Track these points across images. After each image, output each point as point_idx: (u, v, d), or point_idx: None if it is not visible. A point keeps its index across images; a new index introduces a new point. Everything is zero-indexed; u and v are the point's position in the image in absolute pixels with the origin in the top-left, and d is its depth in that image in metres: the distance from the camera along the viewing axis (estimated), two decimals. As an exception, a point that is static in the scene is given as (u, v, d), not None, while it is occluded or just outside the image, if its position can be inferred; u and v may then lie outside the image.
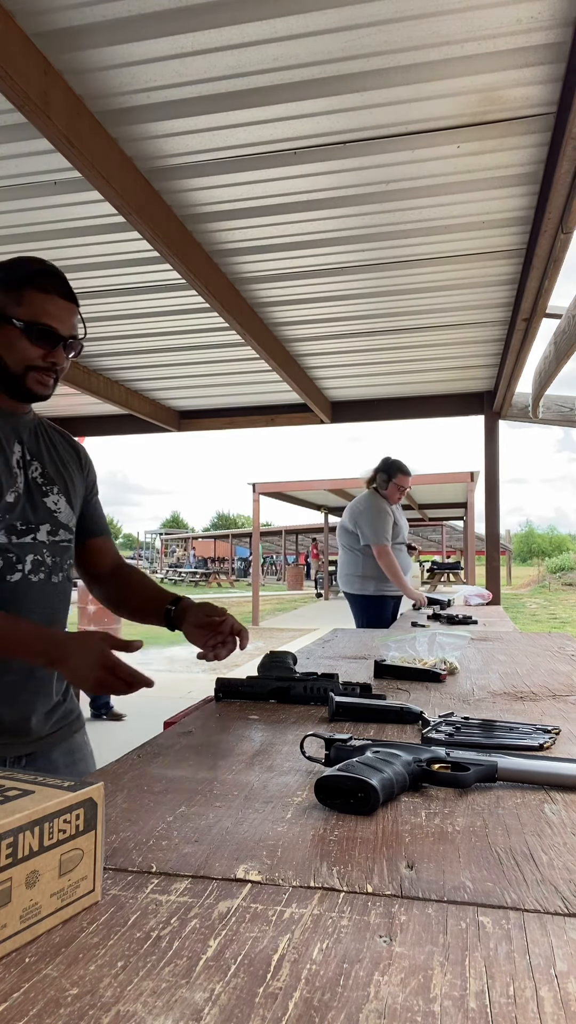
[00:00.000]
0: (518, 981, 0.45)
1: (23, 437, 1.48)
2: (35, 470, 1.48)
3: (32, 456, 1.48)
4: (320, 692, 1.26)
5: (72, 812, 0.52)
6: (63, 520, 1.51)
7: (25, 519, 1.43)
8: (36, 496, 1.46)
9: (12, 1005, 0.42)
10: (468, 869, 0.61)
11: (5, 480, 1.39)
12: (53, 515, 1.48)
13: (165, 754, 0.95)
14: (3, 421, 1.45)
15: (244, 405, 7.02)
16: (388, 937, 0.50)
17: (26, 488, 1.45)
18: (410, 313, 4.71)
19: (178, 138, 2.73)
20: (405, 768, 0.79)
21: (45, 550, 1.45)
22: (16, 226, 3.46)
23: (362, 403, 6.91)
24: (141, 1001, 0.42)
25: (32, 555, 1.43)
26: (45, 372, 1.42)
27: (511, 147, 2.81)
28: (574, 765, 0.82)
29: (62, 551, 1.50)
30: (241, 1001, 0.43)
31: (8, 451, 1.43)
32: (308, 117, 2.60)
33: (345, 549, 4.80)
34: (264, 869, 0.61)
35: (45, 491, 1.48)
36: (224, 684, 1.35)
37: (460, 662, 1.67)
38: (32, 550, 1.43)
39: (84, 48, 2.24)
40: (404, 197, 3.20)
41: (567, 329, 4.07)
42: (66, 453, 1.58)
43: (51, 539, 1.47)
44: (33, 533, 1.43)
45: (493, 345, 5.36)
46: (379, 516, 4.61)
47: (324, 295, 4.39)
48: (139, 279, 4.09)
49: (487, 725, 1.04)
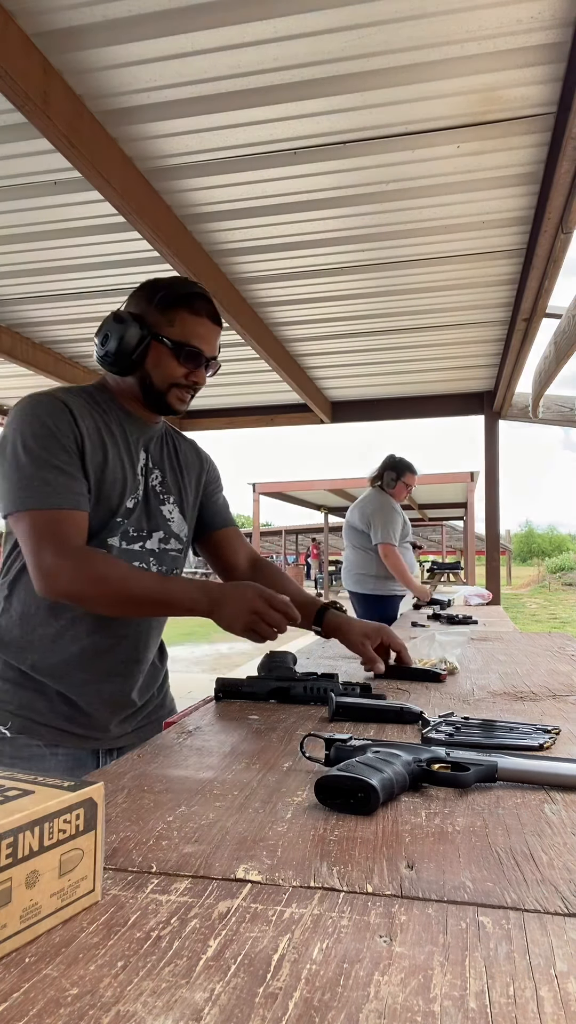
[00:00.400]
0: (518, 981, 0.45)
1: (149, 446, 1.54)
2: (155, 478, 1.53)
3: (154, 464, 1.54)
4: (320, 692, 1.26)
5: (72, 812, 0.52)
6: (175, 529, 1.56)
7: (139, 526, 1.48)
8: (153, 504, 1.51)
9: (12, 1005, 0.42)
10: (468, 869, 0.61)
11: (129, 486, 1.45)
12: (167, 523, 1.54)
13: (165, 754, 0.96)
14: (135, 428, 1.51)
15: (244, 405, 7.02)
16: (388, 937, 0.50)
17: (144, 495, 1.50)
18: (410, 313, 4.71)
19: (178, 138, 2.73)
20: (405, 768, 0.79)
21: (152, 558, 1.50)
22: (16, 226, 3.46)
23: (362, 403, 6.91)
24: (141, 1001, 0.42)
25: (137, 562, 1.47)
26: (185, 389, 1.49)
27: (511, 147, 2.81)
28: (574, 765, 0.82)
29: (170, 560, 1.55)
30: (241, 1001, 0.43)
31: (134, 458, 1.49)
32: (308, 117, 2.60)
33: (355, 548, 4.75)
34: (264, 869, 0.61)
35: (162, 499, 1.54)
36: (224, 684, 1.35)
37: (460, 662, 1.67)
38: (139, 557, 1.47)
39: (84, 48, 2.23)
40: (404, 197, 3.20)
41: (567, 329, 4.07)
42: (187, 462, 1.64)
43: (161, 547, 1.52)
44: (143, 540, 1.49)
45: (493, 345, 5.36)
46: (392, 515, 4.59)
47: (324, 295, 4.39)
48: (139, 279, 4.09)
49: (487, 725, 1.04)
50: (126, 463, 1.45)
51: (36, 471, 1.30)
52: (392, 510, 4.60)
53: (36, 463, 1.31)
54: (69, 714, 1.39)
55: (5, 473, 1.33)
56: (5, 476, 1.33)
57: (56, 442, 1.33)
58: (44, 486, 1.30)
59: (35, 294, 4.31)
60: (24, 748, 1.36)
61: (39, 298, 4.36)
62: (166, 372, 1.45)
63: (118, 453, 1.44)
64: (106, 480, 1.40)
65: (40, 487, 1.29)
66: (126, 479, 1.44)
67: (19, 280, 4.11)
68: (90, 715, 1.40)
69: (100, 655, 1.41)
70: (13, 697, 1.38)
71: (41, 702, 1.38)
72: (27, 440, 1.32)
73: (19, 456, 1.31)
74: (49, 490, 1.30)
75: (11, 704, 1.38)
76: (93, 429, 1.40)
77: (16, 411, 1.37)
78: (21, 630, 1.39)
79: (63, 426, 1.35)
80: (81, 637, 1.39)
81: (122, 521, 1.43)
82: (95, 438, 1.40)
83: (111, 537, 1.42)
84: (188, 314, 1.45)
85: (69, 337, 5.19)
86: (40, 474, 1.30)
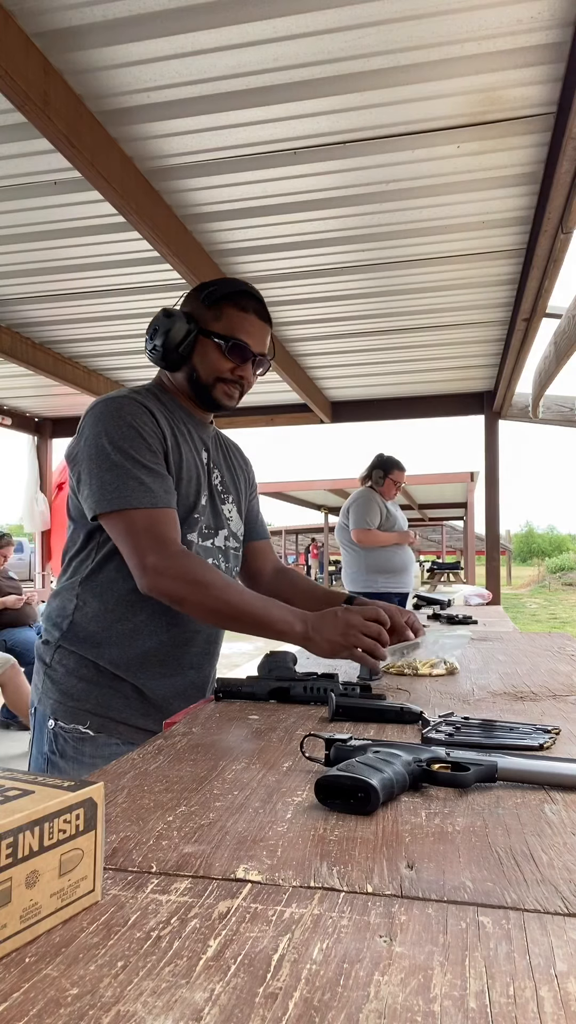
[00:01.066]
0: (518, 981, 0.45)
1: (208, 445, 1.58)
2: (216, 477, 1.58)
3: (214, 464, 1.59)
4: (320, 692, 1.26)
5: (72, 812, 0.52)
6: (234, 528, 1.61)
7: (209, 523, 1.53)
8: (216, 502, 1.56)
9: (12, 1005, 0.42)
10: (468, 869, 0.61)
11: (203, 483, 1.50)
12: (228, 522, 1.59)
13: (165, 754, 0.96)
14: (196, 427, 1.55)
15: (244, 405, 7.00)
16: (388, 937, 0.50)
17: (209, 494, 1.54)
18: (410, 313, 4.71)
19: (178, 138, 2.73)
20: (405, 768, 0.79)
21: (221, 555, 1.55)
22: (16, 226, 3.46)
23: (362, 403, 6.91)
24: (141, 1001, 0.42)
25: (211, 559, 1.52)
26: (232, 384, 1.52)
27: (511, 147, 2.81)
28: (574, 765, 0.82)
29: (233, 558, 1.60)
30: (241, 1001, 0.43)
31: (200, 455, 1.53)
32: (308, 117, 2.60)
33: (345, 548, 4.85)
34: (264, 869, 0.61)
35: (223, 499, 1.59)
36: (224, 684, 1.34)
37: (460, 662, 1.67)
38: (213, 554, 1.53)
39: (84, 48, 2.23)
40: (404, 197, 3.20)
41: (567, 329, 4.07)
42: (236, 463, 1.69)
43: (226, 544, 1.57)
44: (213, 537, 1.54)
45: (493, 345, 5.36)
46: (364, 504, 4.70)
47: (324, 295, 4.39)
48: (139, 279, 4.09)
49: (487, 725, 1.04)
50: (197, 461, 1.50)
51: (130, 471, 1.34)
52: (368, 500, 4.70)
53: (129, 463, 1.34)
54: (144, 709, 1.43)
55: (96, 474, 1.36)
56: (96, 477, 1.36)
57: (144, 442, 1.37)
58: (140, 486, 1.33)
59: (35, 294, 4.31)
60: (104, 747, 1.40)
61: (39, 298, 4.36)
62: (212, 366, 1.49)
63: (191, 451, 1.49)
64: (183, 477, 1.45)
65: (136, 487, 1.33)
66: (200, 476, 1.49)
67: (19, 280, 4.11)
68: (164, 709, 1.43)
69: (177, 648, 1.45)
70: (89, 695, 1.41)
71: (117, 699, 1.42)
72: (116, 441, 1.35)
73: (110, 457, 1.34)
74: (144, 489, 1.34)
75: (88, 703, 1.41)
76: (168, 427, 1.45)
77: (96, 414, 1.40)
78: (99, 626, 1.43)
79: (147, 427, 1.39)
80: (159, 631, 1.43)
81: (198, 517, 1.48)
82: (172, 437, 1.45)
83: (191, 533, 1.46)
84: (234, 310, 1.48)
85: (69, 337, 5.19)
86: (134, 474, 1.34)
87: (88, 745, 1.39)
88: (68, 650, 1.44)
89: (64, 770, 1.39)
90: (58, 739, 1.41)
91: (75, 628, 1.44)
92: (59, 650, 1.45)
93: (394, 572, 4.67)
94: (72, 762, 1.39)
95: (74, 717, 1.40)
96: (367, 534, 4.62)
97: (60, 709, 1.41)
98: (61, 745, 1.40)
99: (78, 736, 1.39)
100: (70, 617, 1.44)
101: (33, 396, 6.75)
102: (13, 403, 7.03)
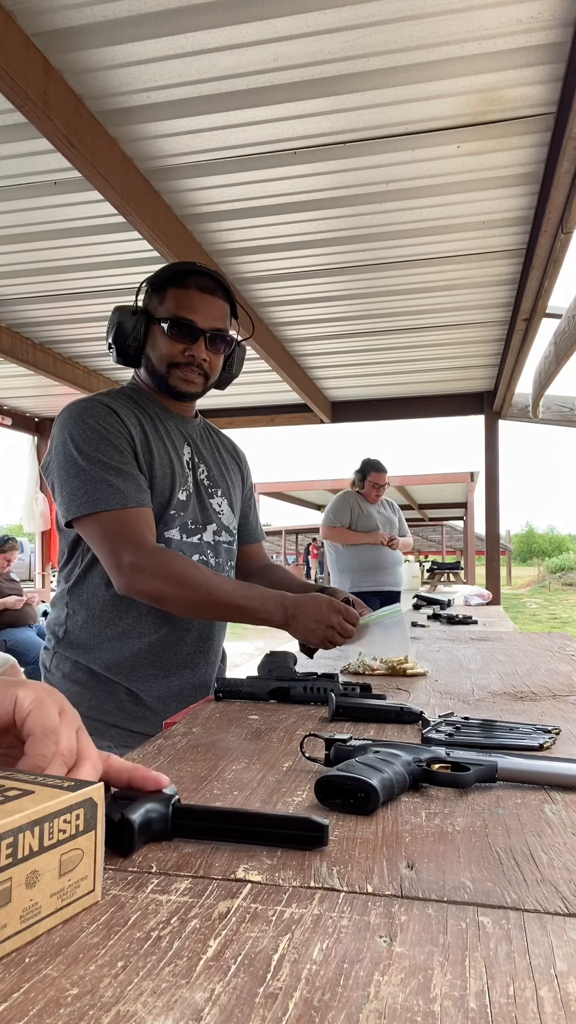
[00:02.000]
0: (518, 981, 0.45)
1: (192, 440, 1.55)
2: (202, 472, 1.55)
3: (199, 459, 1.56)
4: (320, 692, 1.26)
5: (72, 812, 0.52)
6: (225, 522, 1.59)
7: (195, 518, 1.51)
8: (204, 497, 1.54)
9: (12, 1005, 0.42)
10: (468, 869, 0.61)
11: (178, 477, 1.47)
12: (218, 516, 1.56)
13: (165, 754, 0.95)
14: (174, 424, 1.53)
15: (244, 405, 7.02)
16: (388, 937, 0.50)
17: (195, 488, 1.52)
18: (410, 313, 4.71)
19: (178, 138, 2.73)
20: (405, 768, 0.79)
21: (209, 551, 1.53)
22: (16, 226, 3.46)
23: (362, 403, 6.91)
24: (141, 1001, 0.42)
25: (198, 555, 1.50)
26: (188, 368, 1.45)
27: (511, 147, 2.81)
28: (574, 765, 0.82)
29: (224, 552, 1.58)
30: (241, 1001, 0.43)
31: (180, 451, 1.51)
32: (308, 117, 2.60)
33: (326, 547, 5.03)
34: (264, 869, 0.61)
35: (211, 493, 1.56)
36: (224, 684, 1.34)
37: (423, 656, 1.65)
38: (198, 550, 1.50)
39: (84, 48, 2.23)
40: (404, 197, 3.20)
41: (567, 329, 4.07)
42: (228, 457, 1.67)
43: (216, 539, 1.55)
44: (200, 533, 1.51)
45: (493, 345, 5.36)
46: (336, 503, 4.85)
47: (324, 295, 4.39)
48: (139, 279, 4.09)
49: (487, 725, 1.04)
50: (173, 456, 1.48)
51: (97, 474, 1.32)
52: (341, 500, 4.85)
53: (95, 467, 1.33)
54: (139, 713, 1.43)
55: (65, 481, 1.35)
56: (65, 484, 1.35)
57: (109, 443, 1.35)
58: (108, 488, 1.32)
59: (35, 294, 4.31)
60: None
61: (39, 298, 4.36)
62: (162, 352, 1.44)
63: (164, 447, 1.46)
64: (156, 474, 1.43)
65: (104, 489, 1.32)
66: (174, 471, 1.47)
67: (19, 280, 4.11)
68: (160, 712, 1.43)
69: (168, 648, 1.44)
70: (83, 699, 1.41)
71: (110, 703, 1.42)
72: (81, 446, 1.34)
73: (77, 462, 1.34)
74: (113, 491, 1.32)
75: (81, 706, 1.41)
76: (137, 426, 1.43)
77: (61, 422, 1.40)
78: (89, 632, 1.43)
79: (111, 427, 1.37)
80: (148, 633, 1.42)
81: (176, 514, 1.46)
82: (141, 434, 1.43)
83: (169, 530, 1.45)
84: (175, 289, 1.43)
85: (69, 337, 5.19)
86: (101, 476, 1.32)
87: None
88: (64, 656, 1.45)
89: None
90: None
91: (69, 636, 1.45)
92: (56, 656, 1.46)
93: (365, 571, 4.76)
94: None
95: None
96: (332, 531, 4.77)
97: None
98: None
99: None
100: (64, 625, 1.46)
101: (33, 396, 6.75)
102: (13, 403, 7.04)
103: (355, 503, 4.85)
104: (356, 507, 4.83)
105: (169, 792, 0.67)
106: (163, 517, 1.43)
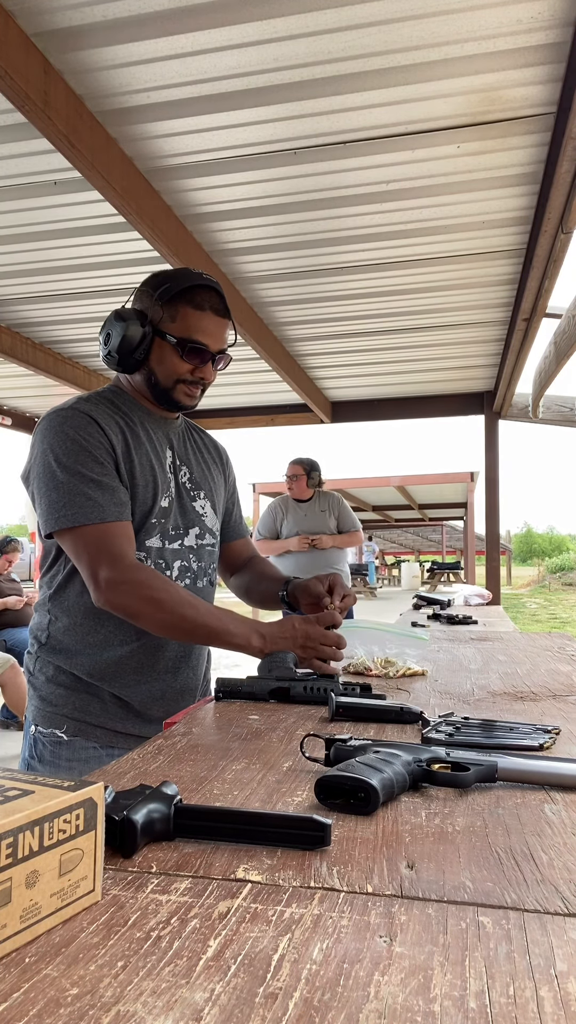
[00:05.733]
0: (518, 981, 0.45)
1: (173, 443, 1.54)
2: (184, 475, 1.54)
3: (181, 461, 1.54)
4: (320, 692, 1.26)
5: (72, 812, 0.52)
6: (209, 524, 1.57)
7: (176, 523, 1.49)
8: (186, 500, 1.52)
9: (12, 1005, 0.42)
10: (468, 869, 0.61)
11: (160, 484, 1.46)
12: (201, 519, 1.55)
13: (165, 754, 0.95)
14: (157, 426, 1.51)
15: (244, 405, 7.02)
16: (388, 937, 0.50)
17: (176, 493, 1.51)
18: (410, 313, 4.71)
19: (178, 138, 2.73)
20: (405, 768, 0.79)
21: (192, 555, 1.52)
22: (16, 226, 3.46)
23: (362, 403, 6.91)
24: (141, 1001, 0.42)
25: (180, 561, 1.49)
26: (193, 385, 1.47)
27: (511, 147, 2.81)
28: (574, 765, 0.82)
29: (207, 555, 1.56)
30: (241, 1001, 0.43)
31: (162, 456, 1.49)
32: (308, 117, 2.60)
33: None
34: (264, 869, 0.61)
35: (193, 495, 1.54)
36: (224, 684, 1.34)
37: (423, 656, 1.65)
38: (180, 556, 1.49)
39: (84, 48, 2.23)
40: (404, 197, 3.20)
41: (567, 329, 4.07)
42: (210, 457, 1.65)
43: (198, 543, 1.53)
44: (182, 538, 1.50)
45: (493, 345, 5.36)
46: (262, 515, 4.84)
47: (324, 295, 4.39)
48: (139, 279, 4.09)
49: (487, 725, 1.04)
50: (155, 463, 1.46)
51: (77, 487, 1.31)
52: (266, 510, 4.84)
53: (75, 479, 1.32)
54: (123, 715, 1.42)
55: (44, 493, 1.34)
56: (45, 496, 1.34)
57: (89, 455, 1.34)
58: (87, 501, 1.31)
59: (35, 294, 4.31)
60: (81, 751, 1.40)
61: (39, 298, 4.36)
62: (170, 369, 1.44)
63: (146, 454, 1.45)
64: (138, 483, 1.41)
65: (84, 503, 1.31)
66: (157, 479, 1.45)
67: (19, 280, 4.11)
68: (142, 714, 1.43)
69: (150, 655, 1.43)
70: (67, 701, 1.41)
71: (95, 704, 1.41)
72: (61, 458, 1.33)
73: (56, 475, 1.32)
74: (92, 505, 1.31)
75: (66, 708, 1.41)
76: (119, 434, 1.41)
77: (42, 431, 1.38)
78: (71, 639, 1.42)
79: (92, 438, 1.36)
80: (129, 640, 1.42)
81: (157, 522, 1.45)
82: (123, 444, 1.41)
83: (149, 539, 1.43)
84: (190, 309, 1.41)
85: (69, 337, 5.19)
86: (81, 489, 1.31)
87: (65, 749, 1.39)
88: (47, 660, 1.45)
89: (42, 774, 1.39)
90: (37, 744, 1.42)
91: (51, 641, 1.45)
92: (39, 660, 1.46)
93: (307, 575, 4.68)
94: (49, 766, 1.40)
95: (51, 722, 1.41)
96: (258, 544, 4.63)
97: (39, 715, 1.43)
98: (40, 750, 1.41)
99: (55, 740, 1.40)
100: (47, 631, 1.46)
101: (33, 396, 6.75)
102: (13, 403, 7.04)
103: (280, 508, 4.76)
104: (281, 512, 4.75)
105: (170, 792, 0.67)
106: (144, 526, 1.42)
